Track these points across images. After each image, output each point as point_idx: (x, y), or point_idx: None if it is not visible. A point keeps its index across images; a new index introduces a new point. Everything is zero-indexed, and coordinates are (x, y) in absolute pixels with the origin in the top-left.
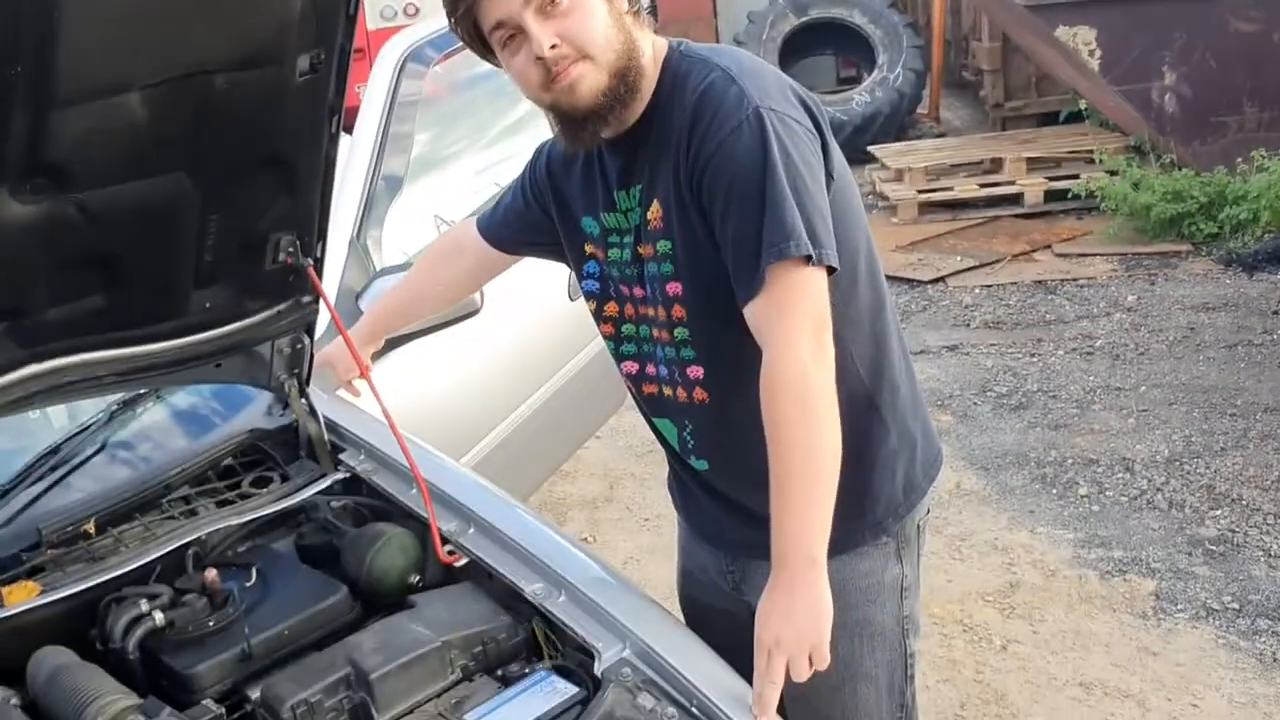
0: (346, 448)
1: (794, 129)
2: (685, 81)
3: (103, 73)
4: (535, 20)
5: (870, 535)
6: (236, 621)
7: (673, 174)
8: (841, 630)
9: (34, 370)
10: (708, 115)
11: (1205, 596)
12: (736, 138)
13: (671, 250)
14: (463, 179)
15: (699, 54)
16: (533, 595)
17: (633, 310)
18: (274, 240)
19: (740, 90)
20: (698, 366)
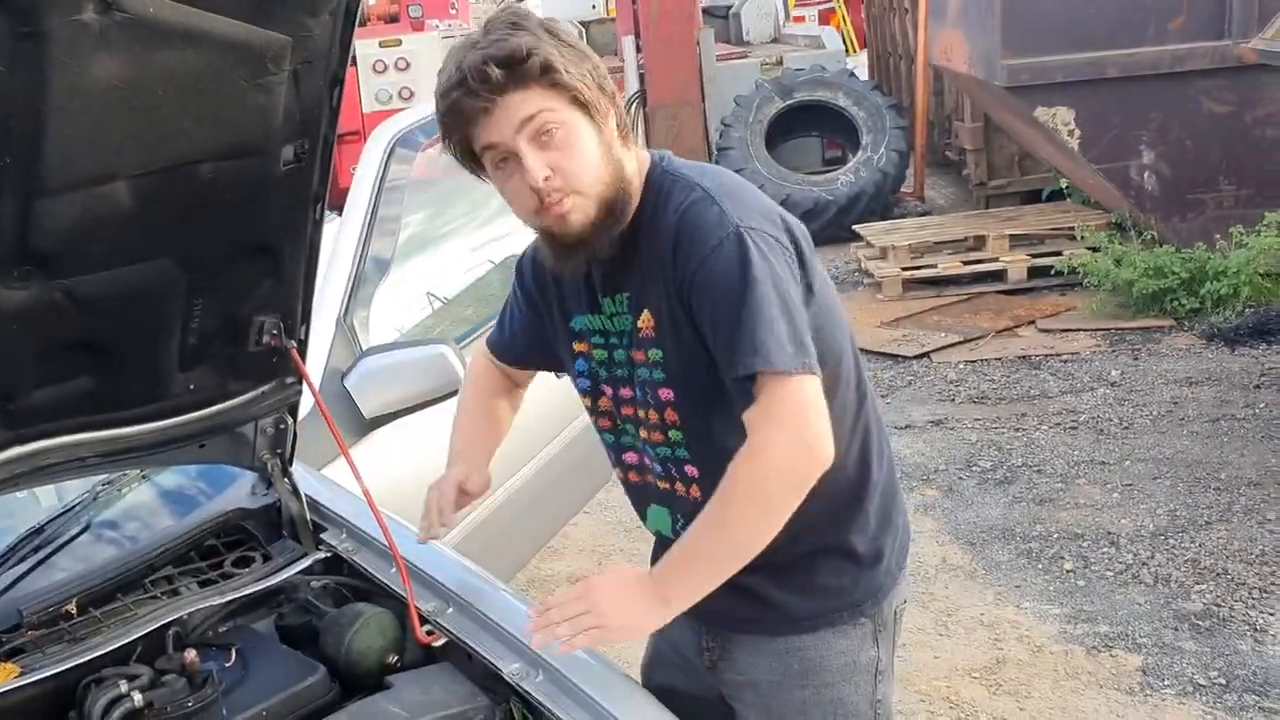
0: (328, 527)
1: (772, 245)
2: (668, 200)
3: (89, 164)
4: (529, 149)
5: (849, 615)
6: (215, 702)
7: (663, 289)
8: (815, 708)
9: (17, 452)
10: (689, 235)
11: (1192, 672)
12: (717, 255)
13: (662, 359)
14: (457, 257)
15: (681, 173)
16: (510, 675)
17: (622, 409)
18: (257, 323)
19: (720, 210)
20: (693, 466)
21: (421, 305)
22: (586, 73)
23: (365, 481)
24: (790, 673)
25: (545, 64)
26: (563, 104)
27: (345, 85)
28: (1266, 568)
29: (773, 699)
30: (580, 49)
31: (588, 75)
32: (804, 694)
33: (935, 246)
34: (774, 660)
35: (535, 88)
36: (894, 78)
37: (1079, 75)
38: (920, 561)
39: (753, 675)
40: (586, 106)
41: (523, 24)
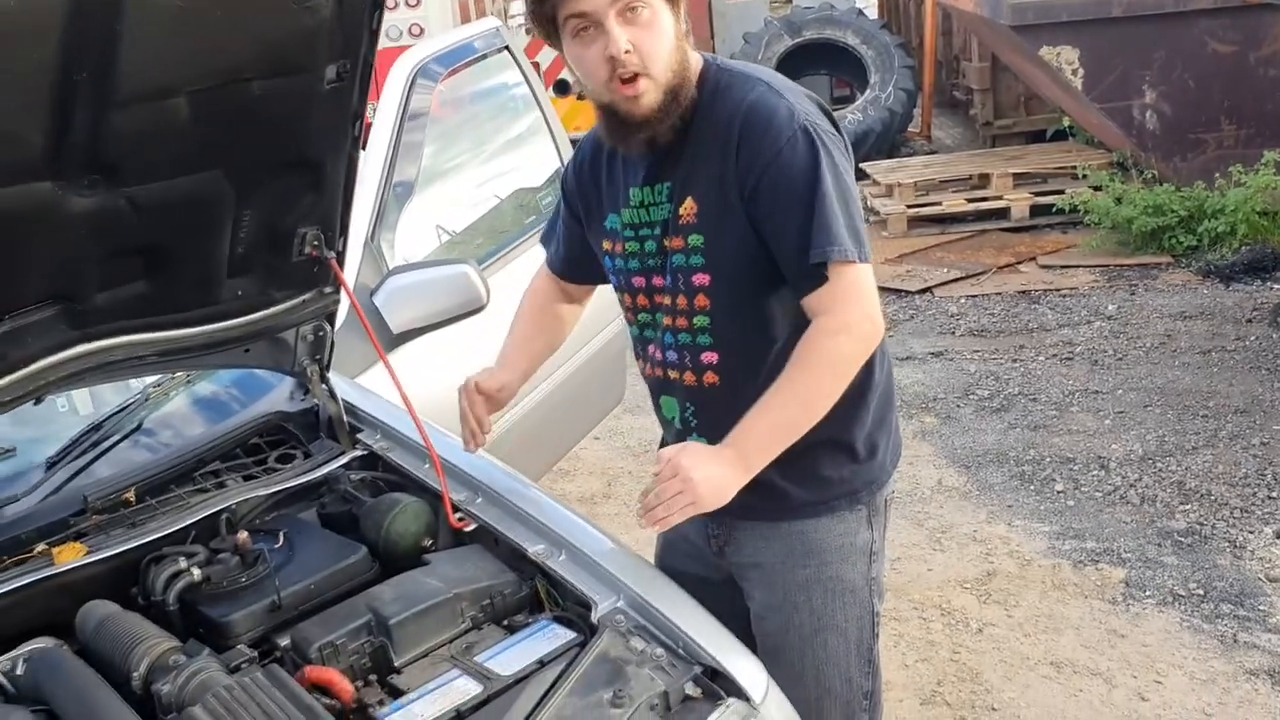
0: (364, 428)
1: (835, 139)
2: (727, 94)
3: (154, 78)
4: (617, 22)
5: (847, 503)
6: (267, 577)
7: (717, 178)
8: (816, 584)
9: (84, 349)
10: (759, 129)
11: (1172, 584)
12: (791, 150)
13: (703, 244)
14: (463, 192)
15: (736, 69)
16: (535, 555)
17: (645, 300)
18: (300, 234)
19: (789, 106)
20: (713, 353)
21: (430, 238)
22: None
23: (397, 385)
24: (794, 553)
25: None
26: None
27: (383, 9)
28: (1248, 489)
29: (777, 577)
30: None
31: None
32: (806, 572)
33: (940, 185)
34: (778, 543)
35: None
36: (902, 17)
37: (1083, 14)
38: (917, 482)
39: (758, 557)
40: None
41: None
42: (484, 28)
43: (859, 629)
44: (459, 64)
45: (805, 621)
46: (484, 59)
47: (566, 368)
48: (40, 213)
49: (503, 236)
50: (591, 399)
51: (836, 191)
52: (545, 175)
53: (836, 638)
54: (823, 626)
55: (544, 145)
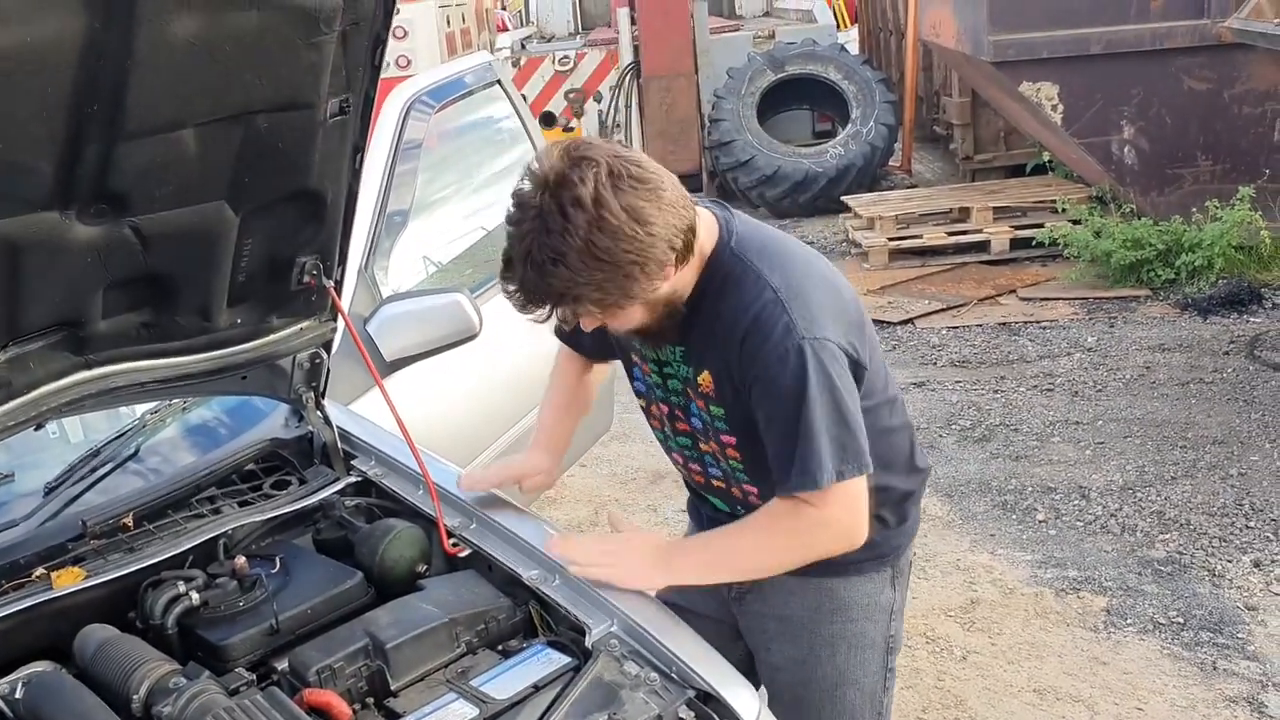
0: (358, 455)
1: (834, 355)
2: (737, 288)
3: (164, 112)
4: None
5: (876, 565)
6: (265, 601)
7: (724, 365)
8: (841, 640)
9: (87, 376)
10: (758, 339)
11: (1153, 612)
12: (782, 367)
13: (725, 415)
14: (451, 223)
15: (750, 262)
16: (530, 580)
17: (670, 425)
18: (299, 263)
19: (789, 321)
20: (753, 486)
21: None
22: (623, 280)
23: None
24: (822, 609)
25: (579, 305)
26: (608, 310)
27: (386, 46)
28: (1227, 519)
29: (803, 630)
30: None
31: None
32: (833, 628)
33: (921, 218)
34: (808, 597)
35: (581, 310)
36: (884, 53)
37: (1063, 51)
38: None
39: (784, 610)
40: (629, 301)
41: (564, 259)
42: (476, 62)
43: (874, 684)
44: (452, 97)
45: (828, 675)
46: (476, 92)
47: None
48: (47, 241)
49: (488, 267)
50: (580, 427)
51: (828, 411)
52: None
53: (855, 691)
54: (843, 680)
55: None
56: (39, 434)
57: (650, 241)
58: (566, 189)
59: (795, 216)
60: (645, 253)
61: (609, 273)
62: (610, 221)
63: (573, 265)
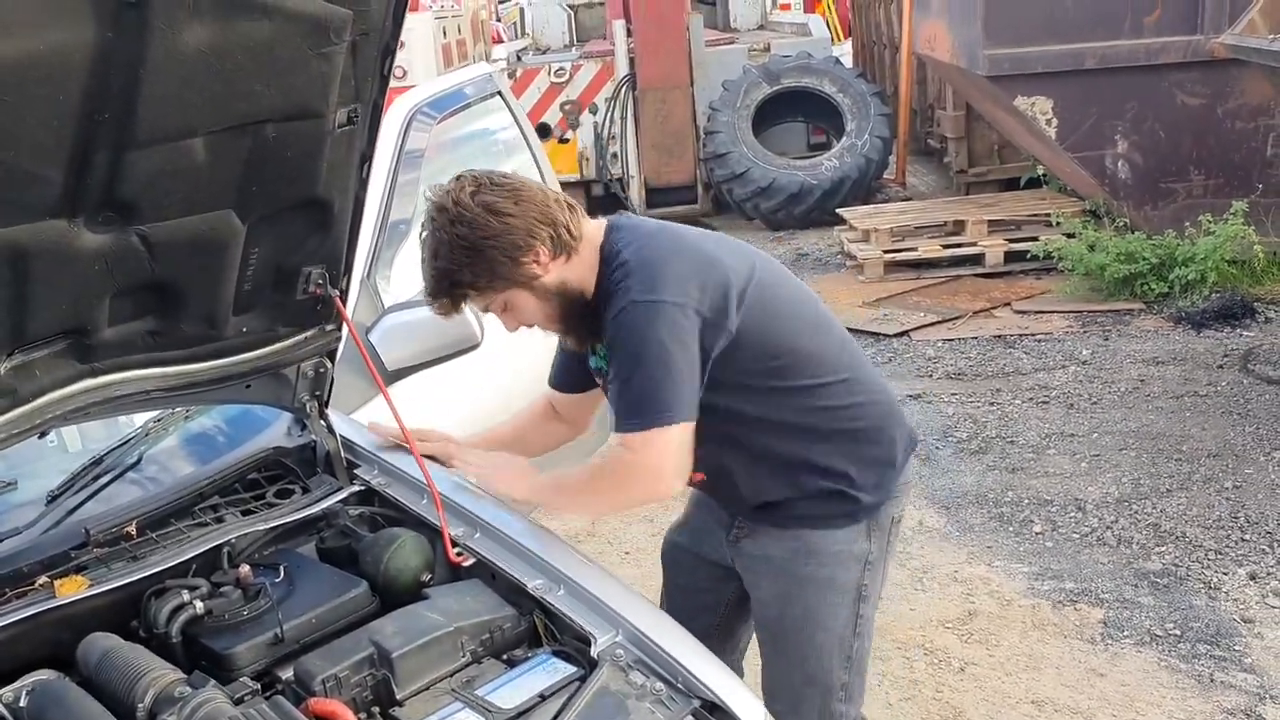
0: (361, 464)
1: (669, 315)
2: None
3: (174, 121)
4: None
5: (847, 520)
6: (269, 610)
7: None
8: (811, 583)
9: (92, 384)
10: (608, 309)
11: (1150, 624)
12: (617, 328)
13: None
14: None
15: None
16: (535, 589)
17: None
18: (305, 273)
19: (627, 286)
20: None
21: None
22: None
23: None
24: (799, 553)
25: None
26: (490, 295)
27: (394, 56)
28: (1222, 531)
29: (782, 571)
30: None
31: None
32: (806, 570)
33: (916, 230)
34: (785, 542)
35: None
36: (878, 66)
37: (1058, 66)
38: None
39: (769, 551)
40: (507, 283)
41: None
42: (477, 73)
43: (844, 628)
44: (453, 108)
45: (799, 614)
46: (477, 103)
47: None
48: (54, 249)
49: None
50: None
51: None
52: None
53: (823, 633)
54: (812, 620)
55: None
56: (38, 443)
57: (505, 228)
58: (438, 199)
59: (790, 229)
60: (501, 238)
61: (473, 257)
62: (465, 215)
63: (443, 256)
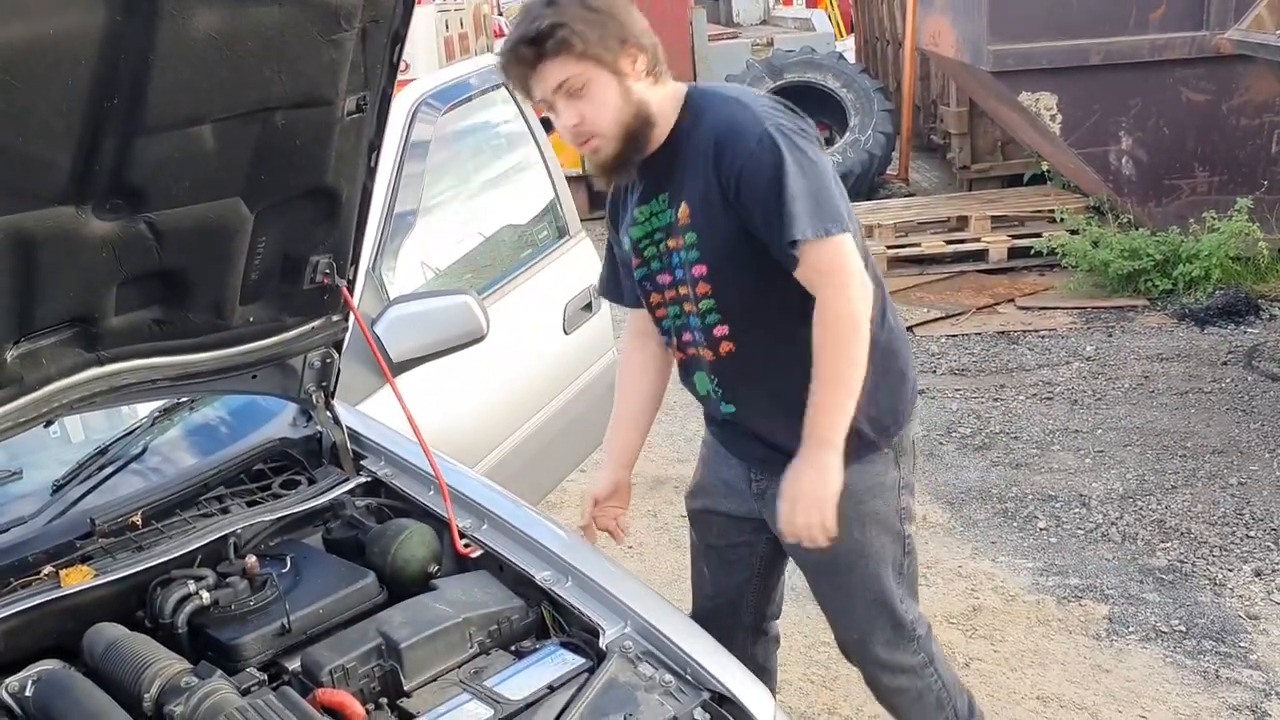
0: (367, 455)
1: (799, 133)
2: (704, 117)
3: (183, 107)
4: (562, 104)
5: (872, 451)
6: (276, 601)
7: (703, 182)
8: (855, 520)
9: (98, 373)
10: (734, 140)
11: (1155, 620)
12: (761, 149)
13: (697, 240)
14: (449, 229)
15: (711, 93)
16: (542, 581)
17: (665, 295)
18: (312, 262)
19: (754, 114)
20: (722, 326)
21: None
22: (609, 34)
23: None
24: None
25: (564, 41)
26: (586, 66)
27: (404, 44)
28: (1227, 528)
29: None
30: (604, 11)
31: (609, 37)
32: (845, 510)
33: (919, 226)
34: None
35: (561, 58)
36: (881, 61)
37: (1062, 62)
38: None
39: None
40: (606, 63)
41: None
42: (482, 64)
43: (894, 551)
44: (458, 99)
45: (848, 551)
46: (482, 94)
47: (559, 400)
48: (62, 236)
49: (488, 272)
50: (583, 432)
51: (804, 179)
52: (539, 209)
53: (876, 563)
54: (862, 553)
55: (525, 185)
56: (42, 433)
57: (627, 13)
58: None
59: None
60: (622, 18)
61: (592, 15)
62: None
63: (560, 2)
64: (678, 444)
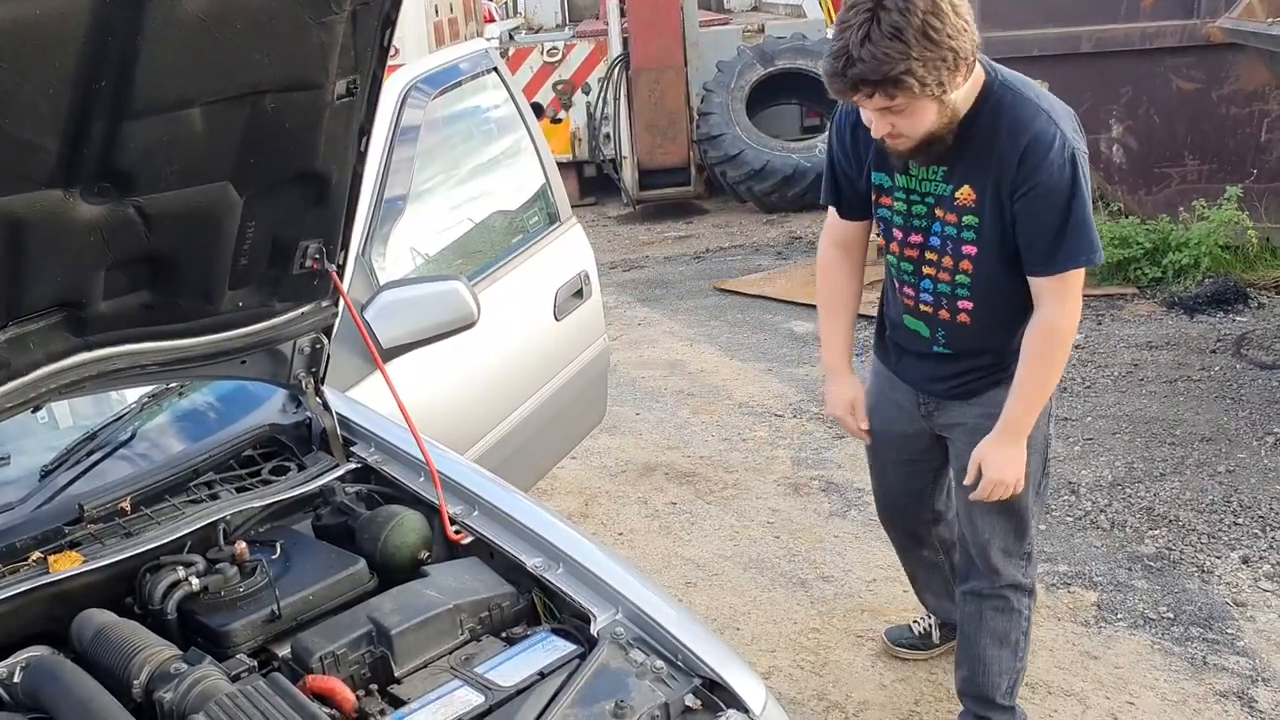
0: (357, 441)
1: (1086, 160)
2: (1010, 113)
3: (172, 90)
4: (878, 117)
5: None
6: (265, 587)
7: (994, 179)
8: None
9: (87, 358)
10: (1040, 154)
11: (1143, 607)
12: (1060, 174)
13: (977, 224)
14: (440, 215)
15: (1015, 87)
16: (534, 568)
17: (904, 251)
18: (302, 247)
19: (1062, 136)
20: (969, 302)
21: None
22: (945, 67)
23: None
24: (990, 415)
25: (904, 85)
26: (915, 96)
27: (395, 27)
28: (1215, 515)
29: (979, 433)
30: (945, 45)
31: (942, 69)
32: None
33: None
34: (977, 408)
35: (897, 94)
36: None
37: (1054, 49)
38: None
39: (960, 419)
40: (934, 95)
41: (902, 34)
42: (473, 49)
43: (1036, 471)
44: (448, 84)
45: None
46: (473, 79)
47: (549, 387)
48: (50, 220)
49: (478, 258)
50: (573, 419)
51: (1082, 210)
52: (529, 195)
53: (1025, 480)
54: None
55: (517, 171)
56: (29, 418)
57: (967, 35)
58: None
59: (784, 211)
60: (962, 43)
61: (934, 53)
62: (943, 7)
63: (908, 40)
64: (667, 431)
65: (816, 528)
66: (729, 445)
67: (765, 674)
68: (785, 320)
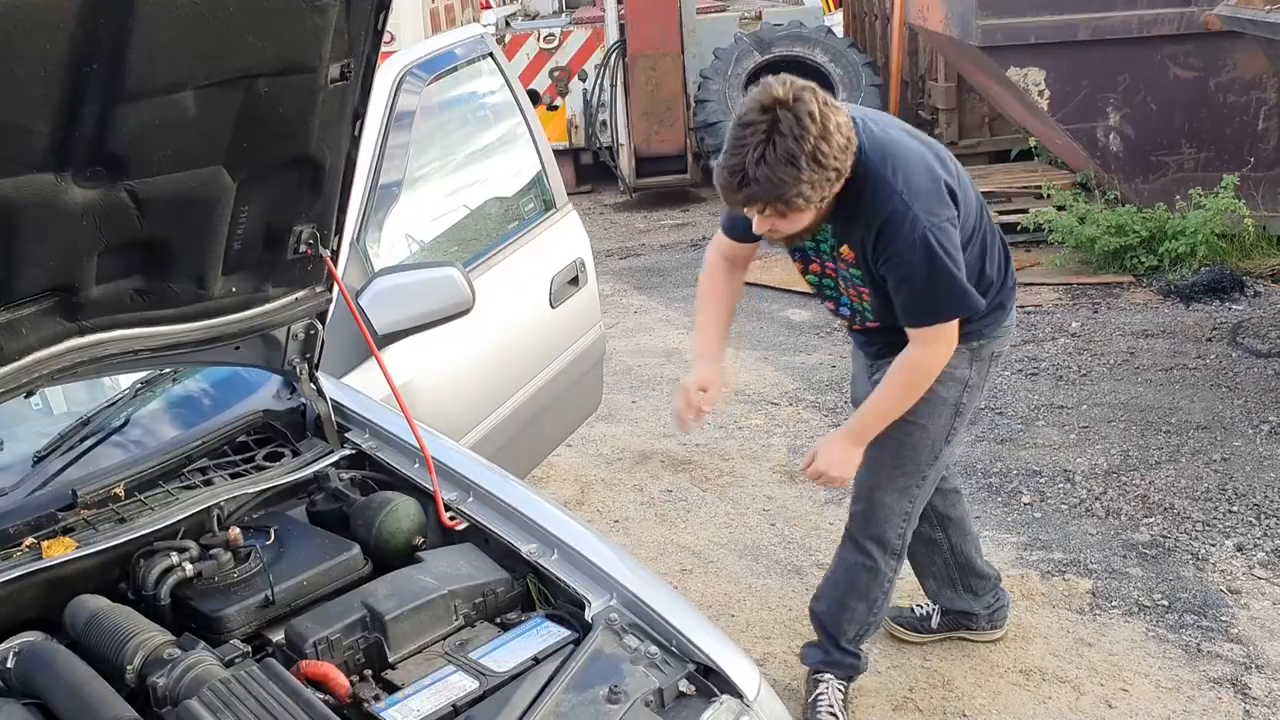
0: (352, 427)
1: (946, 230)
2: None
3: (165, 73)
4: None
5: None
6: (259, 573)
7: (861, 244)
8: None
9: (79, 343)
10: (890, 233)
11: (1138, 594)
12: (912, 254)
13: (861, 276)
14: (434, 201)
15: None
16: (528, 554)
17: (825, 274)
18: (296, 232)
19: (913, 217)
20: (875, 322)
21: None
22: (826, 185)
23: (387, 385)
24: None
25: (795, 204)
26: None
27: (389, 10)
28: (1210, 503)
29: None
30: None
31: (827, 187)
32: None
33: None
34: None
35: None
36: (869, 36)
37: (1051, 37)
38: None
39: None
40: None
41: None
42: (468, 34)
43: (938, 432)
44: (443, 69)
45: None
46: (468, 65)
47: (545, 374)
48: (42, 204)
49: (473, 245)
50: (569, 406)
51: (939, 278)
52: (525, 181)
53: (919, 432)
54: (912, 422)
55: (511, 158)
56: (23, 404)
57: (849, 152)
58: (802, 105)
59: None
60: (845, 162)
61: (821, 175)
62: (830, 130)
63: (800, 166)
64: (663, 418)
65: (811, 515)
66: (725, 433)
67: (760, 660)
68: (781, 308)
